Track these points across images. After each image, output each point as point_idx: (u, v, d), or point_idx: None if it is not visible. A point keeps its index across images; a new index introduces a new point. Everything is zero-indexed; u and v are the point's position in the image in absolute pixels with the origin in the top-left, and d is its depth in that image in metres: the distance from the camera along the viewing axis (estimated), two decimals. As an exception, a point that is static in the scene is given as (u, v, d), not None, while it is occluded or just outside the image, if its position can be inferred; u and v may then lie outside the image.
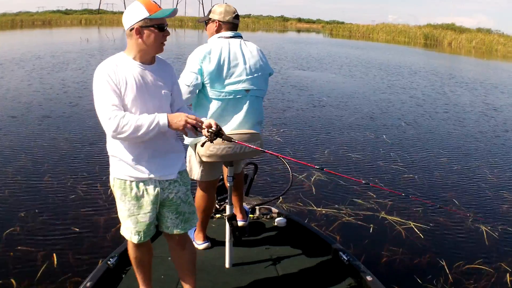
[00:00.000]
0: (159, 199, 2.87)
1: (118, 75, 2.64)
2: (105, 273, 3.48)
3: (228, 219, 3.60)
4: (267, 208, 4.77)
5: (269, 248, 4.07)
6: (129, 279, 3.50)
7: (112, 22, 73.44)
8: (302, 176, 6.79)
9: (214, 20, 3.73)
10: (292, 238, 4.27)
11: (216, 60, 3.51)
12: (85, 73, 16.01)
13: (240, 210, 4.26)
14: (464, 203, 6.26)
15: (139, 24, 2.63)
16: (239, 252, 3.88)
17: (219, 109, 3.58)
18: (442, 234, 5.37)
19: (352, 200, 6.10)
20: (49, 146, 7.78)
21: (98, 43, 30.74)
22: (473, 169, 7.80)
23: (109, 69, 2.65)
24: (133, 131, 2.57)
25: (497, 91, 17.42)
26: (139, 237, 2.92)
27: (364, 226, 5.39)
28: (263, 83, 3.74)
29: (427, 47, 49.47)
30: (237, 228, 3.59)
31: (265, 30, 73.26)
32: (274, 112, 11.02)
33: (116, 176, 2.84)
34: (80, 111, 10.45)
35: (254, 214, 4.70)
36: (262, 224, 4.54)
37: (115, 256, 3.63)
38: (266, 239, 4.25)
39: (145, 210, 2.85)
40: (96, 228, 5.07)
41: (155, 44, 2.68)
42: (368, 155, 8.18)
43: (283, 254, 3.96)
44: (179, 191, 2.90)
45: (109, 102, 2.60)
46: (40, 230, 4.96)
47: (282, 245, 4.12)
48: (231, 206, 3.68)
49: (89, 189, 6.10)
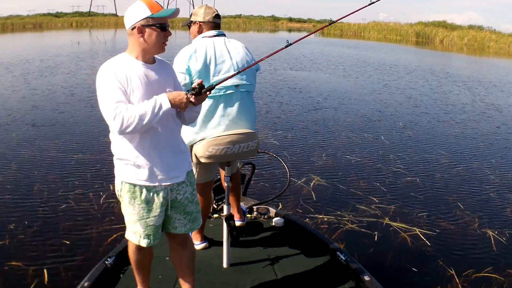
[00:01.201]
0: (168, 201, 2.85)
1: (123, 74, 2.61)
2: (103, 273, 3.48)
3: (226, 219, 3.60)
4: (264, 208, 4.74)
5: (267, 248, 4.06)
6: (126, 279, 3.50)
7: (103, 24, 73.18)
8: (301, 181, 6.59)
9: (195, 22, 3.79)
10: (290, 238, 4.25)
11: (203, 58, 3.54)
12: (74, 77, 15.75)
13: (237, 210, 4.24)
14: (468, 207, 6.07)
15: (141, 23, 2.62)
16: (236, 252, 3.87)
17: (212, 107, 3.58)
18: (448, 240, 5.19)
19: (354, 205, 5.89)
20: (38, 154, 7.52)
21: (89, 46, 30.41)
22: (475, 170, 7.63)
23: (113, 68, 2.62)
24: (139, 121, 2.52)
25: (496, 89, 17.26)
26: (149, 240, 2.88)
27: (368, 234, 5.19)
28: (251, 77, 3.76)
29: (419, 45, 49.49)
30: (234, 228, 3.61)
31: (256, 30, 73.02)
32: (269, 114, 10.82)
33: (124, 180, 2.78)
34: (69, 117, 10.14)
35: (252, 214, 4.69)
36: (260, 224, 4.52)
37: (112, 256, 3.63)
38: (264, 239, 4.24)
39: (155, 213, 2.82)
40: (88, 240, 4.84)
41: (156, 43, 2.66)
42: (367, 157, 7.99)
43: (281, 254, 3.95)
44: (186, 192, 2.89)
45: (113, 100, 2.54)
46: (30, 243, 4.73)
47: (280, 245, 4.11)
48: (228, 206, 3.72)
49: (81, 198, 5.88)
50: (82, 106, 11.28)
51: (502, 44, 49.49)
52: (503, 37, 52.64)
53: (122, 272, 3.62)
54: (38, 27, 62.37)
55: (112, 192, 6.01)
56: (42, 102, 11.62)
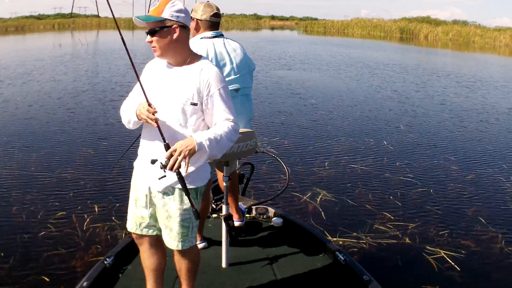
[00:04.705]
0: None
1: (147, 69, 2.83)
2: (102, 272, 3.46)
3: (225, 219, 3.57)
4: (263, 208, 4.72)
5: (266, 248, 4.05)
6: (125, 278, 3.49)
7: (85, 25, 72.13)
8: (306, 197, 6.03)
9: (193, 19, 3.67)
10: (289, 238, 4.24)
11: None
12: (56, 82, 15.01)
13: (236, 210, 4.21)
14: (489, 221, 5.56)
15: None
16: (235, 252, 3.86)
17: None
18: (478, 263, 4.67)
19: (369, 224, 5.33)
20: (16, 171, 6.80)
21: (71, 48, 29.60)
22: (488, 178, 7.11)
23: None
24: (123, 117, 2.76)
25: (495, 88, 16.82)
26: (131, 225, 2.92)
27: (390, 258, 4.64)
28: (249, 80, 3.80)
29: (403, 41, 49.38)
30: (233, 228, 3.58)
31: (239, 28, 72.48)
32: (262, 119, 10.23)
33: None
34: (50, 129, 9.27)
35: (251, 214, 4.67)
36: (258, 224, 4.51)
37: (111, 256, 3.61)
38: (263, 239, 4.23)
39: (139, 203, 2.88)
40: (71, 275, 4.21)
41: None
42: (373, 165, 7.44)
43: (280, 254, 3.94)
44: (167, 205, 2.76)
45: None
46: (6, 280, 4.11)
47: (278, 245, 4.09)
48: (227, 206, 3.69)
49: (62, 222, 5.23)
50: (62, 114, 10.52)
51: (488, 39, 49.51)
52: (488, 31, 52.73)
53: (121, 272, 3.60)
54: (20, 29, 61.29)
55: (98, 215, 5.42)
56: (18, 110, 10.79)
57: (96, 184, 6.34)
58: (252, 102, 3.86)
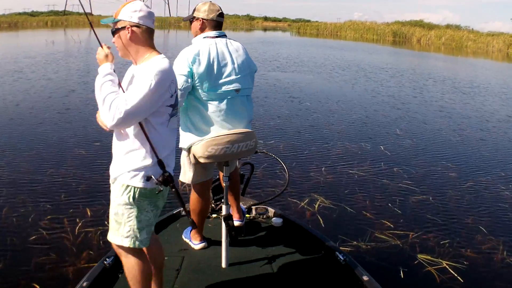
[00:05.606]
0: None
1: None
2: (102, 273, 3.47)
3: (224, 219, 3.57)
4: (263, 208, 4.73)
5: (266, 248, 4.06)
6: (125, 279, 3.35)
7: (78, 23, 71.79)
8: (303, 203, 5.90)
9: (198, 18, 3.69)
10: (289, 238, 4.25)
11: (206, 62, 3.48)
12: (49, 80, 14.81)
13: (236, 210, 4.22)
14: (490, 230, 5.46)
15: None
16: (235, 252, 3.87)
17: (211, 111, 3.54)
18: (479, 275, 4.56)
19: (369, 233, 5.21)
20: (5, 172, 6.62)
21: (63, 46, 29.35)
22: (487, 185, 7.01)
23: None
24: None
25: (493, 93, 16.78)
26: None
27: (392, 270, 4.51)
28: (250, 81, 3.78)
29: (396, 44, 49.48)
30: (233, 228, 3.58)
31: (231, 29, 72.29)
32: (256, 121, 10.03)
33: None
34: (40, 129, 9.07)
35: (251, 214, 4.67)
36: (258, 224, 4.52)
37: (111, 256, 3.59)
38: (263, 239, 4.24)
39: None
40: (61, 281, 4.08)
41: None
42: (370, 170, 7.34)
43: (280, 254, 3.95)
44: (112, 196, 2.82)
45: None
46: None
47: (278, 245, 4.10)
48: (227, 206, 3.71)
49: (54, 226, 5.08)
50: (53, 113, 10.32)
51: (481, 44, 49.68)
52: (481, 36, 52.92)
53: (121, 272, 3.52)
54: (13, 26, 60.94)
55: (90, 218, 5.27)
56: (7, 109, 10.58)
57: (89, 187, 6.18)
58: (252, 104, 3.85)
